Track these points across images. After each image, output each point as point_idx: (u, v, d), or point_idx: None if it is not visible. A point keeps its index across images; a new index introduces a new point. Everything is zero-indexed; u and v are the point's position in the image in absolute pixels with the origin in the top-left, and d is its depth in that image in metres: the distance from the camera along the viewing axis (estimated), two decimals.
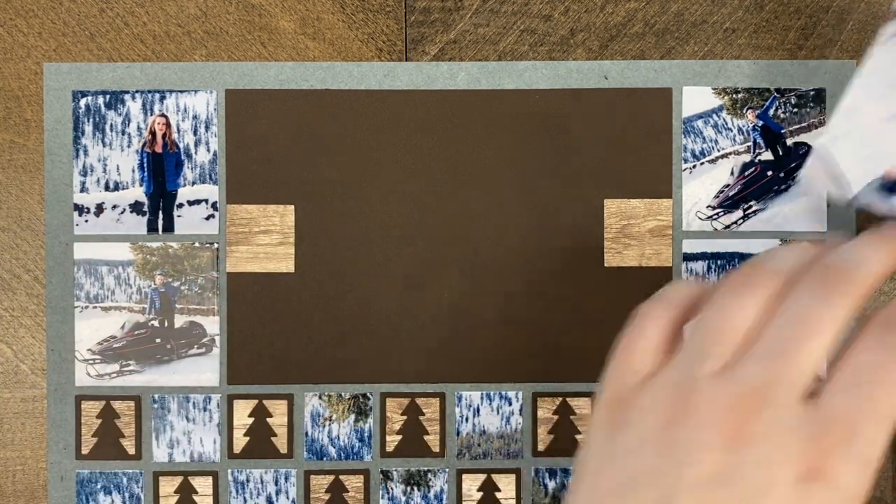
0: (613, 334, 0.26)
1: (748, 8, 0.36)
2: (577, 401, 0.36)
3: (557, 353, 0.35)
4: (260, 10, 0.36)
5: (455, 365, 0.35)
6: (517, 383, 0.35)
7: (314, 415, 0.35)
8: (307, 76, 0.35)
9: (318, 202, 0.35)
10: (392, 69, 0.35)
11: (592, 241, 0.35)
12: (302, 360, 0.35)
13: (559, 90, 0.35)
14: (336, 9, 0.36)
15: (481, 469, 0.36)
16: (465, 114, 0.35)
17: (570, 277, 0.35)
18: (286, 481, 0.35)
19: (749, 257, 0.35)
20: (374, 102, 0.35)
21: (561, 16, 0.36)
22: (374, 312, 0.35)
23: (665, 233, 0.35)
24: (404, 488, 0.35)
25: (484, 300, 0.35)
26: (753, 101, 0.35)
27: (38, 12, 0.36)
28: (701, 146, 0.35)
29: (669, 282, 0.35)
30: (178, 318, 0.35)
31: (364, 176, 0.35)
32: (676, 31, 0.36)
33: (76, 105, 0.35)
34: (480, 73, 0.35)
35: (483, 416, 0.36)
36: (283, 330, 0.35)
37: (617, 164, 0.35)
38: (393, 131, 0.35)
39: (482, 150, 0.35)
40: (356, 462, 0.36)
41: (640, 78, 0.35)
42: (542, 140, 0.35)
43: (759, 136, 0.36)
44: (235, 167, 0.35)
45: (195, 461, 0.35)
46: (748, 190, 0.36)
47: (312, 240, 0.35)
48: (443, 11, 0.36)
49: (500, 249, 0.35)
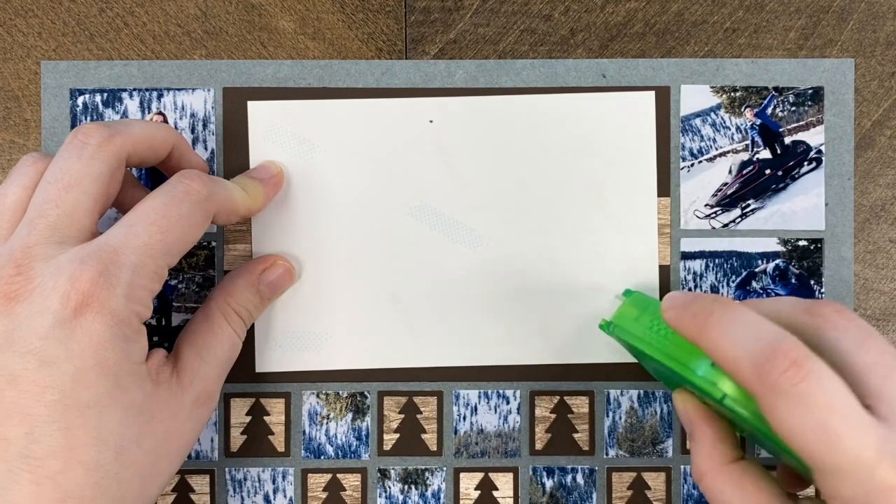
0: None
1: (748, 8, 0.36)
2: (575, 399, 0.35)
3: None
4: (260, 9, 0.36)
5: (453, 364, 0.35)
6: (515, 382, 0.35)
7: (312, 413, 0.35)
8: (305, 74, 0.35)
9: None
10: (389, 67, 0.35)
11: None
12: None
13: (556, 88, 0.35)
14: (336, 9, 0.36)
15: (479, 468, 0.36)
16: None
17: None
18: (283, 479, 0.35)
19: (747, 256, 0.35)
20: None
21: (561, 16, 0.36)
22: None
23: (663, 231, 0.35)
24: (402, 487, 0.35)
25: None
26: (752, 100, 0.35)
27: (37, 12, 0.36)
28: (699, 144, 0.35)
29: (669, 285, 0.35)
30: (176, 316, 0.35)
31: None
32: (676, 31, 0.36)
33: (74, 103, 0.35)
34: (478, 71, 0.35)
35: (481, 415, 0.35)
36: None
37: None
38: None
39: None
40: (354, 460, 0.35)
41: (638, 76, 0.35)
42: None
43: (757, 134, 0.35)
44: (233, 165, 0.35)
45: (192, 459, 0.35)
46: (746, 188, 0.35)
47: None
48: (443, 11, 0.36)
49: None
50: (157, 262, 0.28)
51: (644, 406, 0.35)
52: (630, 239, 0.35)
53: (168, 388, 0.29)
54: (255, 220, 0.35)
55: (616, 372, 0.35)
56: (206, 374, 0.30)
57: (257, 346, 0.35)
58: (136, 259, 0.27)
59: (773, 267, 0.35)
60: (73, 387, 0.26)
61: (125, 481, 0.27)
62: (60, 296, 0.26)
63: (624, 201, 0.35)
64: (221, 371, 0.31)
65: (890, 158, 0.36)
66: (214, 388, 0.31)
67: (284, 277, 0.34)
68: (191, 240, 0.29)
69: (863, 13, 0.36)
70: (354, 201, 0.35)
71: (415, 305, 0.35)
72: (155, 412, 0.28)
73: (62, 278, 0.26)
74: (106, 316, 0.26)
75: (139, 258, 0.27)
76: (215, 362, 0.31)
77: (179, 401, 0.29)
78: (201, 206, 0.29)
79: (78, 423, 0.26)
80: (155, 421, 0.28)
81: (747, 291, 0.35)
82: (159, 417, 0.28)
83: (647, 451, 0.35)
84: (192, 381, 0.30)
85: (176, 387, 0.29)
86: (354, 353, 0.35)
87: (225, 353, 0.31)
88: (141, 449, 0.27)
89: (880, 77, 0.36)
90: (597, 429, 0.36)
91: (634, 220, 0.35)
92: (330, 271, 0.35)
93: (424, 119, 0.35)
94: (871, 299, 0.36)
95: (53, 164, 0.28)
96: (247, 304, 0.32)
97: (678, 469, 0.35)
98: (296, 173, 0.35)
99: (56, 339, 0.26)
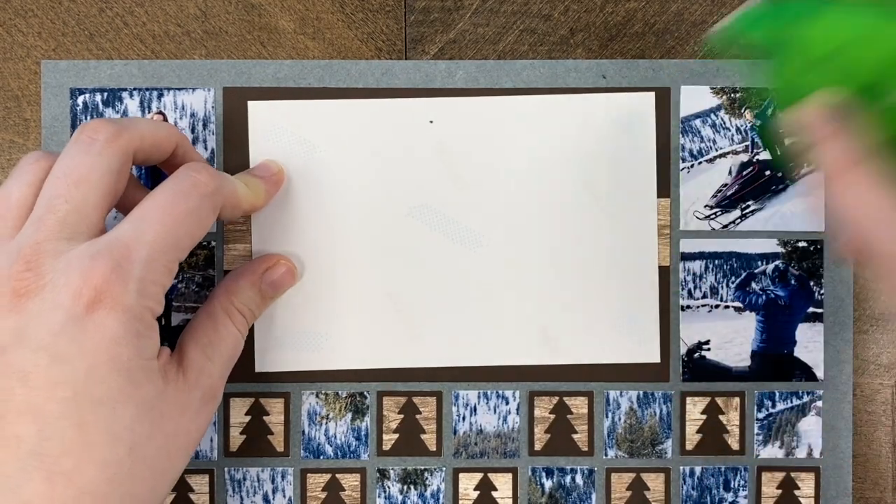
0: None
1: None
2: (574, 400, 0.35)
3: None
4: (259, 9, 0.36)
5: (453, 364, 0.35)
6: (514, 382, 0.35)
7: (311, 413, 0.35)
8: (305, 74, 0.35)
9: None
10: (390, 67, 0.35)
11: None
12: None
13: (556, 88, 0.35)
14: (336, 8, 0.36)
15: (478, 468, 0.36)
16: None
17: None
18: (283, 479, 0.35)
19: (747, 257, 0.35)
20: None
21: (561, 16, 0.36)
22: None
23: (663, 232, 0.35)
24: (401, 487, 0.35)
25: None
26: (752, 101, 0.35)
27: (37, 12, 0.36)
28: (699, 145, 0.35)
29: (669, 286, 0.35)
30: (176, 315, 0.35)
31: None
32: (676, 31, 0.36)
33: (74, 103, 0.35)
34: (479, 71, 0.35)
35: (480, 415, 0.35)
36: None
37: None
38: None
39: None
40: (353, 460, 0.35)
41: (639, 77, 0.35)
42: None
43: (756, 135, 0.35)
44: (233, 165, 0.35)
45: (191, 459, 0.35)
46: (746, 189, 0.35)
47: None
48: (442, 11, 0.36)
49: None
50: (168, 257, 0.28)
51: (643, 407, 0.35)
52: (630, 239, 0.35)
53: (176, 386, 0.29)
54: (254, 220, 0.35)
55: (615, 373, 0.35)
56: (212, 372, 0.30)
57: (257, 346, 0.35)
58: (148, 254, 0.27)
59: (773, 268, 0.35)
60: (86, 383, 0.26)
61: (137, 478, 0.27)
62: (72, 292, 0.26)
63: (623, 202, 0.35)
64: (225, 369, 0.31)
65: None
66: (219, 385, 0.31)
67: (286, 277, 0.34)
68: (199, 233, 0.29)
69: None
70: (354, 201, 0.35)
71: (414, 305, 0.35)
72: (165, 409, 0.28)
73: (73, 274, 0.26)
74: (119, 312, 0.26)
75: (150, 253, 0.27)
76: (220, 360, 0.31)
77: (187, 398, 0.29)
78: (209, 200, 0.29)
79: (91, 419, 0.26)
80: (165, 418, 0.28)
81: (747, 292, 0.35)
82: (169, 414, 0.28)
83: (646, 452, 0.35)
84: (199, 378, 0.30)
85: (183, 384, 0.29)
86: (354, 353, 0.35)
87: (229, 351, 0.31)
88: (152, 445, 0.27)
89: None
90: (596, 429, 0.36)
91: (634, 221, 0.35)
92: (330, 271, 0.35)
93: (425, 119, 0.35)
94: (871, 299, 0.36)
95: (61, 160, 0.28)
96: (249, 303, 0.32)
97: (677, 470, 0.35)
98: (296, 173, 0.35)
99: (68, 335, 0.26)
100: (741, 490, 0.35)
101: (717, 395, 0.36)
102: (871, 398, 0.36)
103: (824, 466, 0.36)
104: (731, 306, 0.36)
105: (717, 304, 0.36)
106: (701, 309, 0.35)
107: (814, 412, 0.36)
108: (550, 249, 0.35)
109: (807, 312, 0.35)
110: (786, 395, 0.36)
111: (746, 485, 0.35)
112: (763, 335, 0.35)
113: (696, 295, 0.35)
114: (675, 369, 0.35)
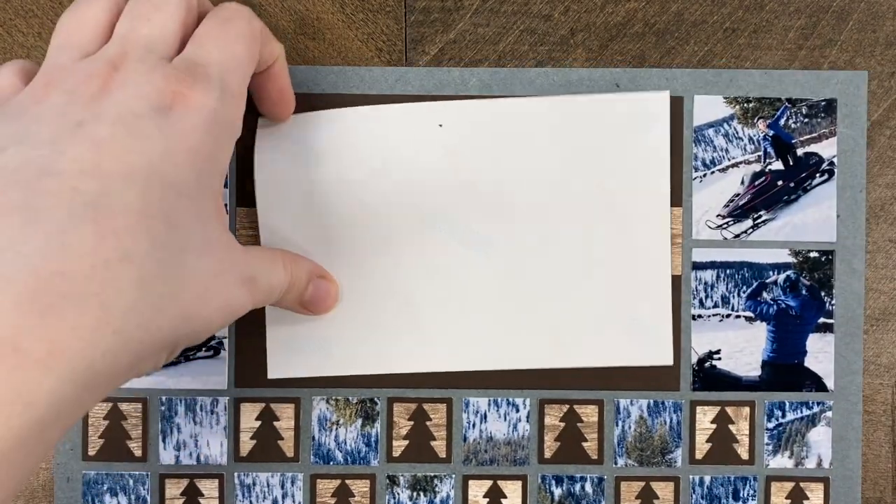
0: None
1: (748, 8, 0.36)
2: (585, 408, 0.36)
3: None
4: (259, 9, 0.36)
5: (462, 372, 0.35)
6: (525, 390, 0.35)
7: (321, 419, 0.35)
8: (318, 80, 0.35)
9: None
10: (403, 74, 0.35)
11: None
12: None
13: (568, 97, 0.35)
14: (336, 9, 0.36)
15: (488, 475, 0.36)
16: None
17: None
18: (292, 485, 0.35)
19: (758, 266, 0.35)
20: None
21: (561, 16, 0.36)
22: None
23: (675, 241, 0.35)
24: (410, 493, 0.35)
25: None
26: (764, 111, 0.35)
27: (37, 12, 0.36)
28: (712, 155, 0.35)
29: (681, 295, 0.35)
30: None
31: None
32: (676, 31, 0.36)
33: None
34: (492, 79, 0.35)
35: (490, 423, 0.35)
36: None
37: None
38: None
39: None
40: (363, 466, 0.35)
41: (652, 86, 0.35)
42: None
43: (769, 145, 0.36)
44: (245, 170, 0.35)
45: (201, 464, 0.35)
46: (758, 199, 0.35)
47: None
48: (442, 11, 0.36)
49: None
50: (244, 70, 0.29)
51: (654, 416, 0.35)
52: (642, 248, 0.35)
53: (220, 238, 0.28)
54: (263, 225, 0.35)
55: (627, 378, 0.35)
56: (259, 282, 0.29)
57: (269, 352, 0.35)
58: (221, 71, 0.28)
59: (784, 278, 0.35)
60: (161, 161, 0.25)
61: (176, 289, 0.25)
62: (158, 90, 0.26)
63: (636, 209, 0.35)
64: (261, 297, 0.30)
65: (890, 158, 0.36)
66: (258, 300, 0.30)
67: (326, 299, 0.34)
68: (254, 64, 0.30)
69: (862, 13, 0.36)
70: (364, 207, 0.35)
71: (425, 311, 0.35)
72: (211, 248, 0.27)
73: (158, 76, 0.26)
74: (203, 112, 0.26)
75: (222, 71, 0.28)
76: (265, 285, 0.30)
77: (231, 261, 0.28)
78: (257, 22, 0.30)
79: (156, 196, 0.25)
80: (209, 253, 0.27)
81: (758, 302, 0.35)
82: (215, 256, 0.27)
83: (655, 461, 0.35)
84: (253, 271, 0.29)
85: (226, 245, 0.28)
86: (364, 359, 0.35)
87: (273, 286, 0.30)
88: (196, 268, 0.26)
89: (880, 77, 0.36)
90: (606, 438, 0.36)
91: (646, 229, 0.35)
92: (340, 277, 0.35)
93: (434, 123, 0.35)
94: (871, 299, 0.36)
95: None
96: (295, 284, 0.32)
97: (687, 479, 0.36)
98: (305, 179, 0.35)
99: (151, 119, 0.25)
100: (750, 500, 0.35)
101: (727, 405, 0.36)
102: (871, 398, 0.36)
103: (834, 477, 0.36)
104: (743, 316, 0.36)
105: (729, 314, 0.36)
106: (712, 318, 0.35)
107: (824, 423, 0.36)
108: (561, 255, 0.35)
109: (817, 323, 0.36)
110: (796, 406, 0.36)
111: (756, 495, 0.35)
112: (774, 345, 0.36)
113: (708, 304, 0.35)
114: (686, 378, 0.35)
